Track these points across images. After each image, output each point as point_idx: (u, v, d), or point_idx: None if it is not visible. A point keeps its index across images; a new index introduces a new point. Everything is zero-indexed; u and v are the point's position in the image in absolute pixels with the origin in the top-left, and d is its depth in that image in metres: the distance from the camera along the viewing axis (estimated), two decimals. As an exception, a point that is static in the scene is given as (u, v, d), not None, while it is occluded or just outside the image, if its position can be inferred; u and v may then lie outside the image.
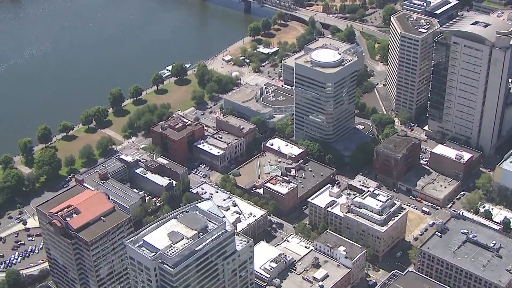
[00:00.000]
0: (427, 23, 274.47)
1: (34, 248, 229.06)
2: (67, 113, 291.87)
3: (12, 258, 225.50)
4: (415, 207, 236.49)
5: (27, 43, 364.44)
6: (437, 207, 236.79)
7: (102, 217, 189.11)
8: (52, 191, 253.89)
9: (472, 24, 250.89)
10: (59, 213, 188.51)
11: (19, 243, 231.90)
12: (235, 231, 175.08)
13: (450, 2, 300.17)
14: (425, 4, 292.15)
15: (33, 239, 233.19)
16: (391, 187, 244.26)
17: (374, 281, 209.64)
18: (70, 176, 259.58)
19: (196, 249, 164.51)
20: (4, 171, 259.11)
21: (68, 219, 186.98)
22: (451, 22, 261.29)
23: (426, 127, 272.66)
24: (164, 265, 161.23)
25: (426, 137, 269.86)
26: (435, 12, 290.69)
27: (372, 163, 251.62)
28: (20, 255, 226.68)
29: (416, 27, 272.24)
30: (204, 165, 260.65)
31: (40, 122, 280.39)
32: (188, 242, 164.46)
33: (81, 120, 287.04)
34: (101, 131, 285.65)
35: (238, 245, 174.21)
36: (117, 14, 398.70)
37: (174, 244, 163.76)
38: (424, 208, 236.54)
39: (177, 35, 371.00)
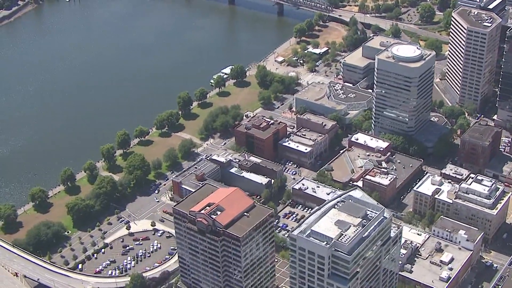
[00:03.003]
0: (488, 17, 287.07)
1: (144, 251, 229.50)
2: (137, 117, 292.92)
3: (125, 263, 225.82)
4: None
5: (67, 53, 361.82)
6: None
7: (245, 213, 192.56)
8: (144, 195, 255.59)
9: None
10: (202, 211, 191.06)
11: (127, 248, 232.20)
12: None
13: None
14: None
15: (141, 243, 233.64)
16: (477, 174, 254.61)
17: (491, 261, 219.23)
18: (157, 181, 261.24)
19: (363, 236, 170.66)
20: (90, 178, 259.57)
21: (213, 216, 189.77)
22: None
23: (494, 117, 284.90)
24: (339, 252, 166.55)
25: (495, 126, 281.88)
26: (488, 6, 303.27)
27: (453, 152, 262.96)
28: (132, 259, 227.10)
29: (479, 21, 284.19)
30: (291, 162, 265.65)
31: (112, 127, 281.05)
32: (357, 229, 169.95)
33: (155, 125, 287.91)
34: (175, 135, 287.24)
35: (391, 231, 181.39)
36: (150, 21, 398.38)
37: (344, 232, 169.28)
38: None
39: (217, 39, 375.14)
